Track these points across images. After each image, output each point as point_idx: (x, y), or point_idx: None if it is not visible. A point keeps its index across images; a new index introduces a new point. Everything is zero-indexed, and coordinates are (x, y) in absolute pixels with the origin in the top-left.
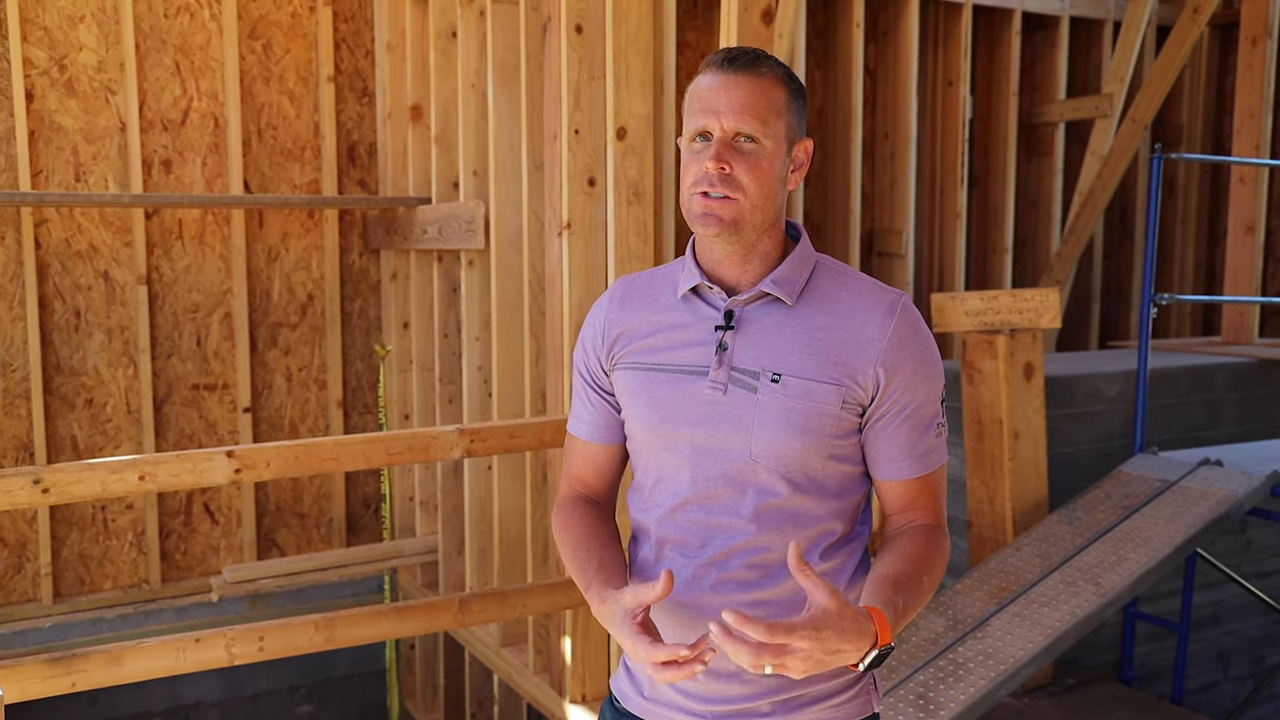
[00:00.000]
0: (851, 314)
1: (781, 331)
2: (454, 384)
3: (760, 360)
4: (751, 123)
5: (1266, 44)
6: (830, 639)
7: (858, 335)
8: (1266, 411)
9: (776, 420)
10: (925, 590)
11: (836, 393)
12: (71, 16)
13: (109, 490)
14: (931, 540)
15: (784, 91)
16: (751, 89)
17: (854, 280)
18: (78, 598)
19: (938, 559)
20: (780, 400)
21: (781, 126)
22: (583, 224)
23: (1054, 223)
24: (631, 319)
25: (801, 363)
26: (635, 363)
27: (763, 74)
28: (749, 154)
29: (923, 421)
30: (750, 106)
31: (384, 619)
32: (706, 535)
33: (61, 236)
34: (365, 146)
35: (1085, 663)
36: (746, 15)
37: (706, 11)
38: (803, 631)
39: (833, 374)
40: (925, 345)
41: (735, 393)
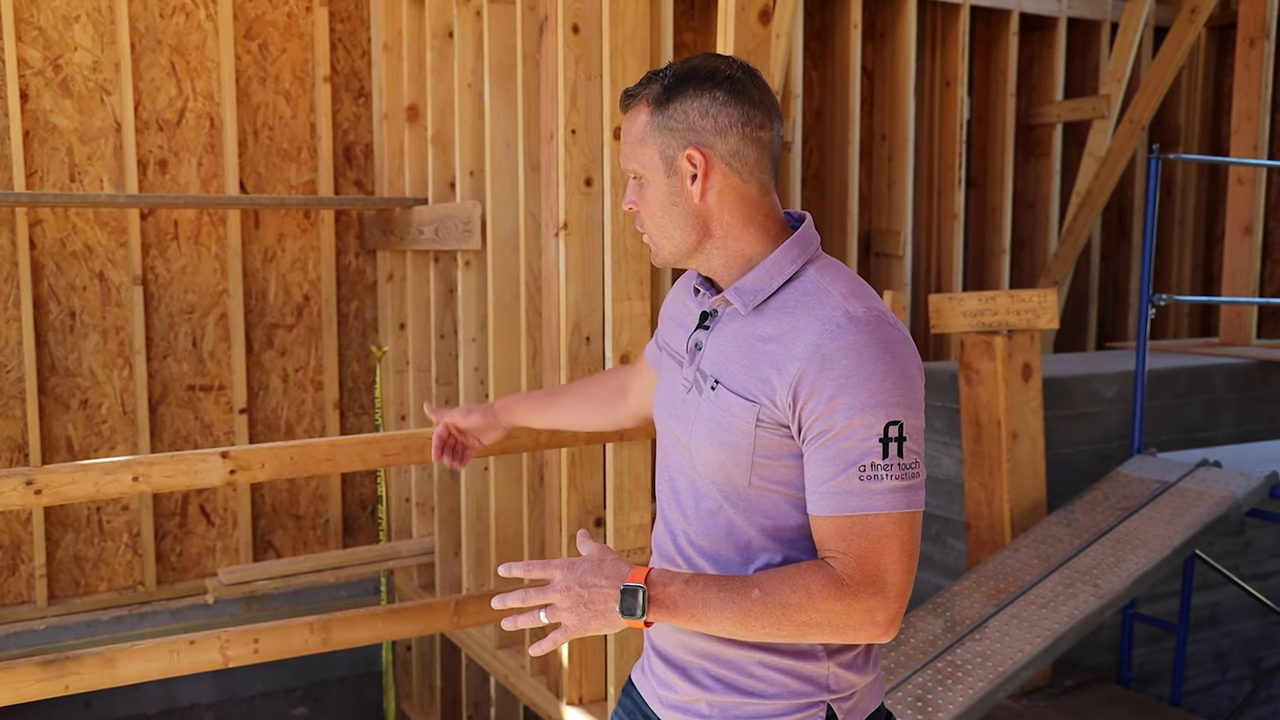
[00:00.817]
0: (792, 328)
1: (734, 340)
2: (450, 385)
3: (713, 365)
4: (625, 161)
5: (1264, 45)
6: (585, 572)
7: (787, 351)
8: (1265, 412)
9: (703, 428)
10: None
11: (750, 410)
12: (66, 16)
13: (103, 491)
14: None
15: (645, 113)
16: (628, 125)
17: (824, 292)
18: (72, 599)
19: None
20: (711, 409)
21: (650, 151)
22: (579, 224)
23: (1052, 224)
24: (674, 305)
25: (734, 374)
26: (665, 343)
27: (630, 105)
28: (641, 190)
29: (841, 456)
30: (624, 145)
31: (380, 621)
32: (669, 528)
33: (56, 237)
34: (361, 147)
35: (1084, 664)
36: (743, 15)
37: (704, 12)
38: (558, 562)
39: (753, 389)
40: (858, 373)
41: (693, 393)
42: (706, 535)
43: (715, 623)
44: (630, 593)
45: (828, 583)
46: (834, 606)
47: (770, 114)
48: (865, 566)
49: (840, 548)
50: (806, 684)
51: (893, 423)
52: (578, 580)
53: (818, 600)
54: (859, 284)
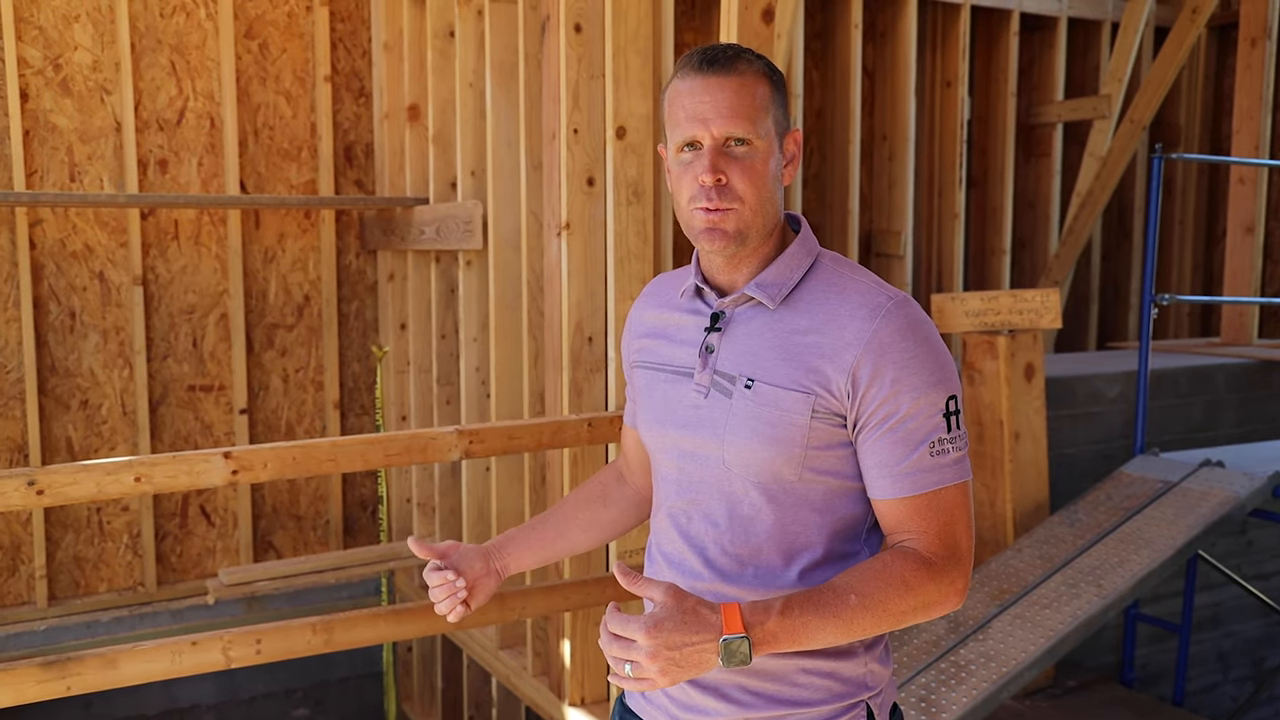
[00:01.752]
0: (832, 317)
1: (762, 336)
2: (451, 385)
3: (739, 365)
4: (742, 125)
5: (1265, 45)
6: (671, 632)
7: (834, 340)
8: (1266, 412)
9: (746, 428)
10: (850, 608)
11: (805, 401)
12: (66, 16)
13: (104, 492)
14: (894, 559)
15: (767, 85)
16: (736, 89)
17: (850, 281)
18: (72, 600)
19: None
20: (751, 407)
21: (770, 123)
22: (582, 224)
23: (1052, 224)
24: (649, 316)
25: (774, 369)
26: (646, 361)
27: (744, 71)
28: (742, 158)
29: (910, 437)
30: (737, 108)
31: (382, 621)
32: (689, 544)
33: (56, 237)
34: (362, 147)
35: (1086, 664)
36: (747, 14)
37: (705, 12)
38: (637, 627)
39: (803, 381)
40: (915, 353)
41: (715, 397)
42: (745, 541)
43: (818, 640)
44: (735, 644)
45: (918, 567)
46: (929, 588)
47: None
48: (946, 540)
49: (920, 527)
50: (847, 685)
51: (951, 397)
52: (665, 644)
53: (914, 588)
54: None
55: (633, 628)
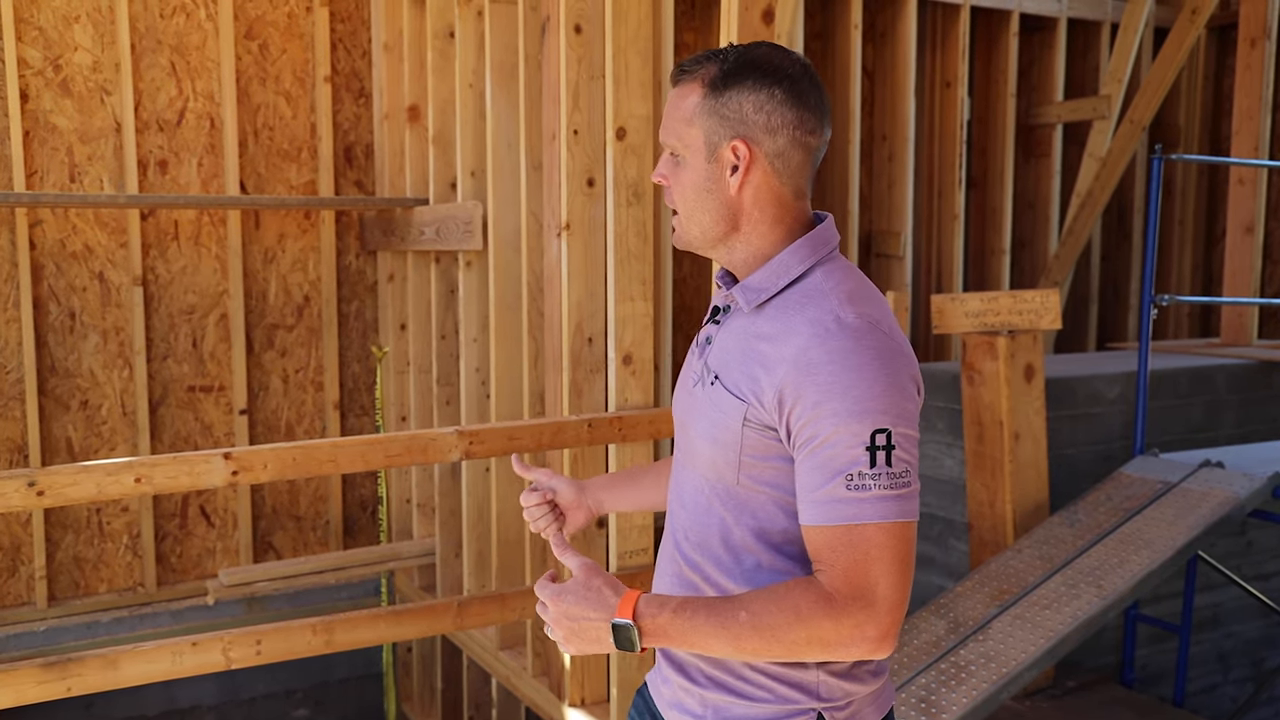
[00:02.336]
0: (785, 329)
1: (735, 336)
2: (451, 386)
3: (715, 360)
4: (665, 136)
5: (1265, 45)
6: (571, 604)
7: (777, 352)
8: (1267, 413)
9: (700, 423)
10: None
11: (739, 408)
12: (66, 16)
13: (105, 493)
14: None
15: (701, 94)
16: (673, 101)
17: (823, 295)
18: (72, 601)
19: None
20: (707, 404)
21: (695, 133)
22: (582, 224)
23: (1052, 224)
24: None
25: (730, 371)
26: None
27: (683, 82)
28: (677, 168)
29: (827, 465)
30: (668, 119)
31: (382, 622)
32: (671, 521)
33: (56, 237)
34: (362, 147)
35: (1086, 665)
36: (747, 15)
37: (705, 12)
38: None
39: (742, 387)
40: (843, 379)
41: (699, 388)
42: (700, 531)
43: (709, 646)
44: (622, 629)
45: (816, 600)
46: (824, 624)
47: (823, 119)
48: (853, 579)
49: (829, 559)
50: (794, 689)
51: (879, 430)
52: (565, 614)
53: (806, 619)
54: (863, 289)
55: (545, 593)
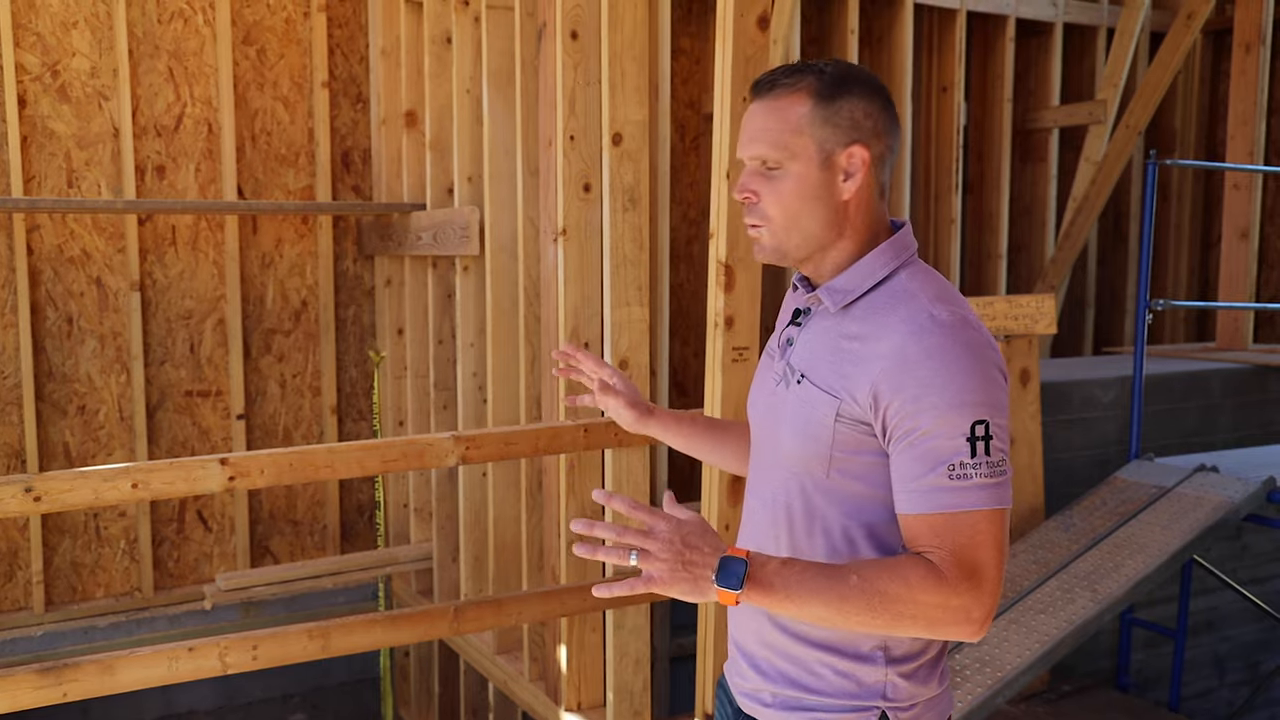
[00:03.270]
0: (877, 327)
1: (821, 337)
2: (448, 390)
3: (801, 360)
4: (763, 149)
5: (1260, 51)
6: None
7: (871, 350)
8: (1261, 417)
9: (789, 421)
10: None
11: (831, 405)
12: (65, 22)
13: (102, 498)
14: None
15: (811, 104)
16: (766, 112)
17: (909, 296)
18: (70, 606)
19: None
20: (795, 402)
21: (806, 141)
22: (578, 230)
23: (1048, 229)
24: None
25: (819, 369)
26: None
27: (781, 95)
28: (773, 179)
29: (928, 455)
30: (764, 131)
31: (379, 627)
32: (753, 524)
33: (54, 243)
34: (359, 152)
35: (1082, 669)
36: (742, 21)
37: (700, 18)
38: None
39: (834, 385)
40: (941, 373)
41: (783, 387)
42: (791, 527)
43: (810, 606)
44: (732, 564)
45: (927, 574)
46: (932, 599)
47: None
48: (962, 561)
49: (933, 544)
50: (862, 688)
51: (979, 421)
52: (682, 538)
53: (916, 592)
54: (947, 289)
55: (656, 517)
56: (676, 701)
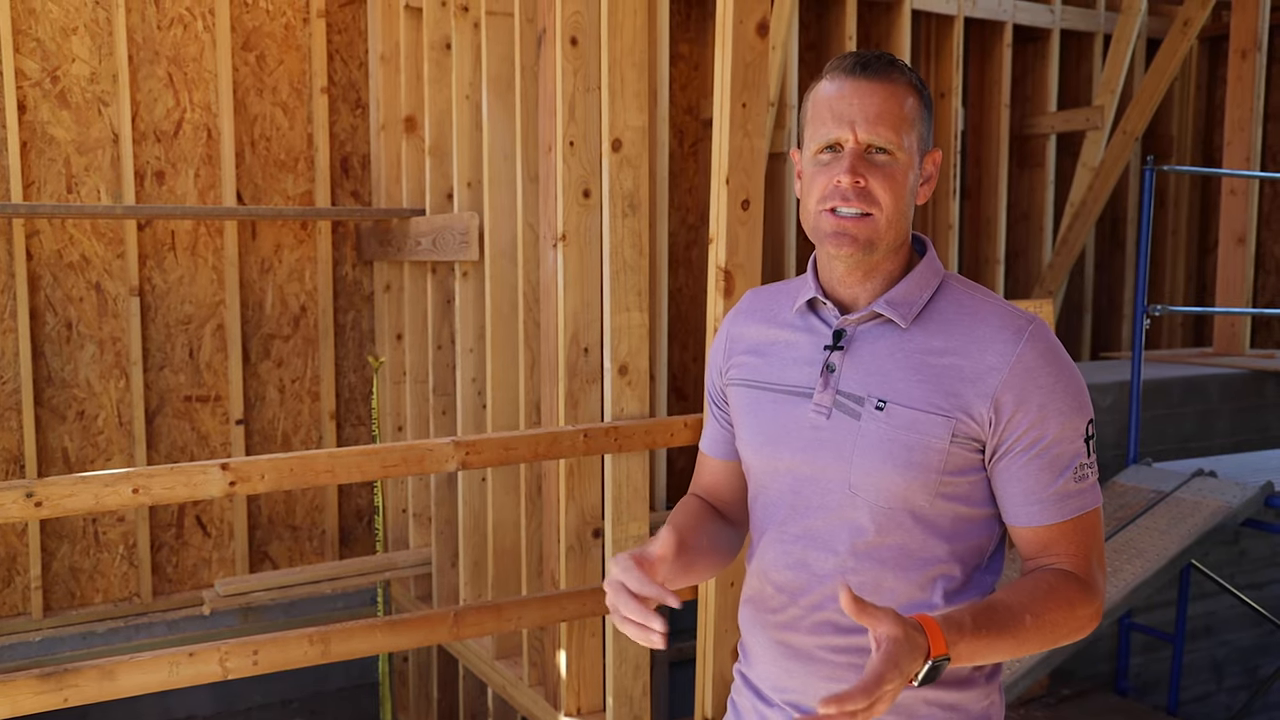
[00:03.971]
0: (971, 340)
1: (893, 356)
2: (448, 396)
3: (867, 385)
4: (886, 133)
5: (1256, 57)
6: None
7: (975, 364)
8: (1259, 422)
9: (878, 451)
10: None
11: (945, 425)
12: (64, 28)
13: (103, 503)
14: (1056, 579)
15: (916, 99)
16: (886, 96)
17: (981, 303)
18: (68, 611)
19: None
20: (884, 430)
21: (915, 137)
22: (578, 235)
23: (1046, 234)
24: (750, 332)
25: (909, 390)
26: (747, 379)
27: (896, 80)
28: (883, 166)
29: (1056, 462)
30: (884, 116)
31: (379, 632)
32: (805, 573)
33: (53, 248)
34: (359, 158)
35: (1081, 674)
36: (741, 28)
37: (699, 24)
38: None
39: (943, 404)
40: (1060, 377)
41: (839, 418)
42: (868, 568)
43: (991, 658)
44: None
45: (1079, 589)
46: (1086, 610)
47: None
48: (1096, 560)
49: (1069, 550)
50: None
51: (1090, 421)
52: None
53: (1076, 608)
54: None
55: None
56: (676, 706)
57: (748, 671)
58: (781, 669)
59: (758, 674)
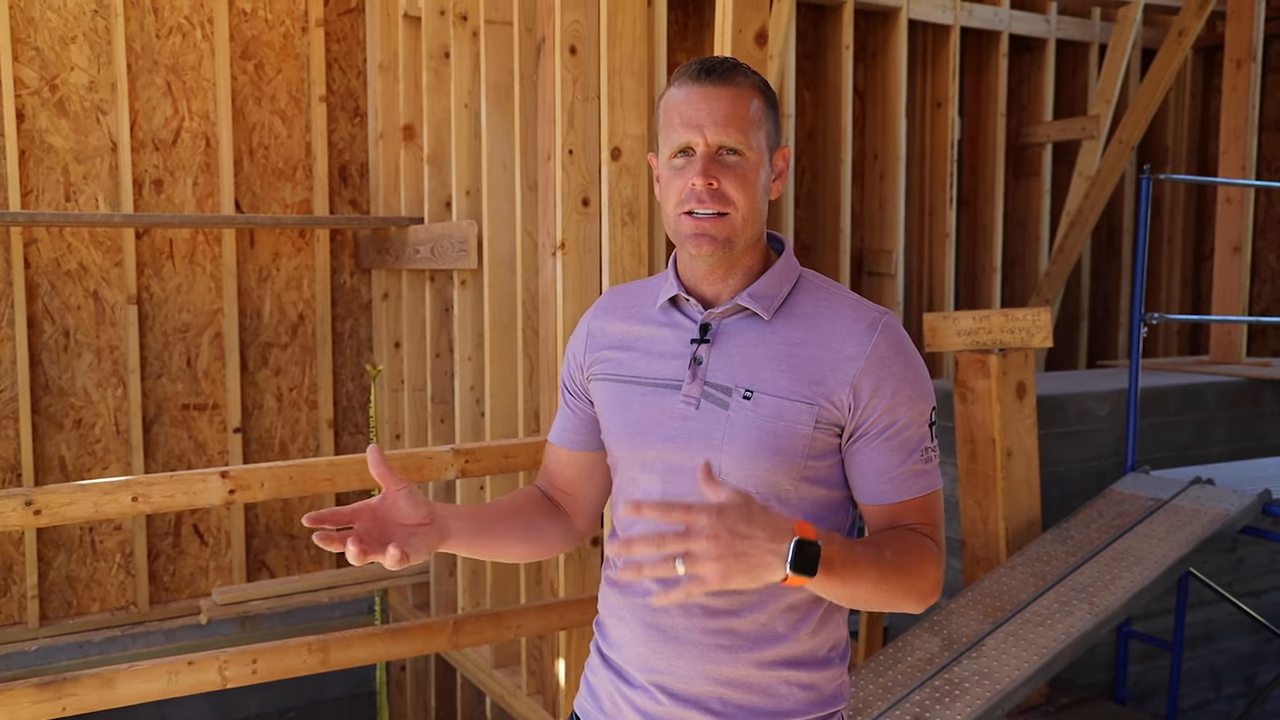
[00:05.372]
0: (830, 331)
1: (757, 347)
2: (446, 404)
3: (734, 376)
4: (734, 134)
5: (1250, 67)
6: (733, 519)
7: (835, 353)
8: (1256, 430)
9: (746, 438)
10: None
11: (809, 412)
12: (63, 37)
13: (101, 512)
14: (911, 534)
15: (761, 100)
16: (731, 99)
17: (836, 296)
18: (65, 620)
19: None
20: (751, 417)
21: (762, 136)
22: (577, 244)
23: (1042, 242)
24: (612, 328)
25: (775, 380)
26: (612, 374)
27: (740, 83)
28: (734, 166)
29: (905, 445)
30: (732, 118)
31: (378, 640)
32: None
33: (51, 256)
34: (357, 166)
35: (1079, 682)
36: (740, 36)
37: (697, 33)
38: (701, 507)
39: (806, 392)
40: (909, 366)
41: (707, 408)
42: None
43: (857, 585)
44: (808, 548)
45: (931, 550)
46: (933, 573)
47: None
48: (941, 535)
49: (919, 521)
50: (824, 696)
51: (933, 408)
52: (728, 529)
53: (927, 566)
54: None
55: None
56: None
57: (610, 653)
58: (650, 649)
59: (623, 656)
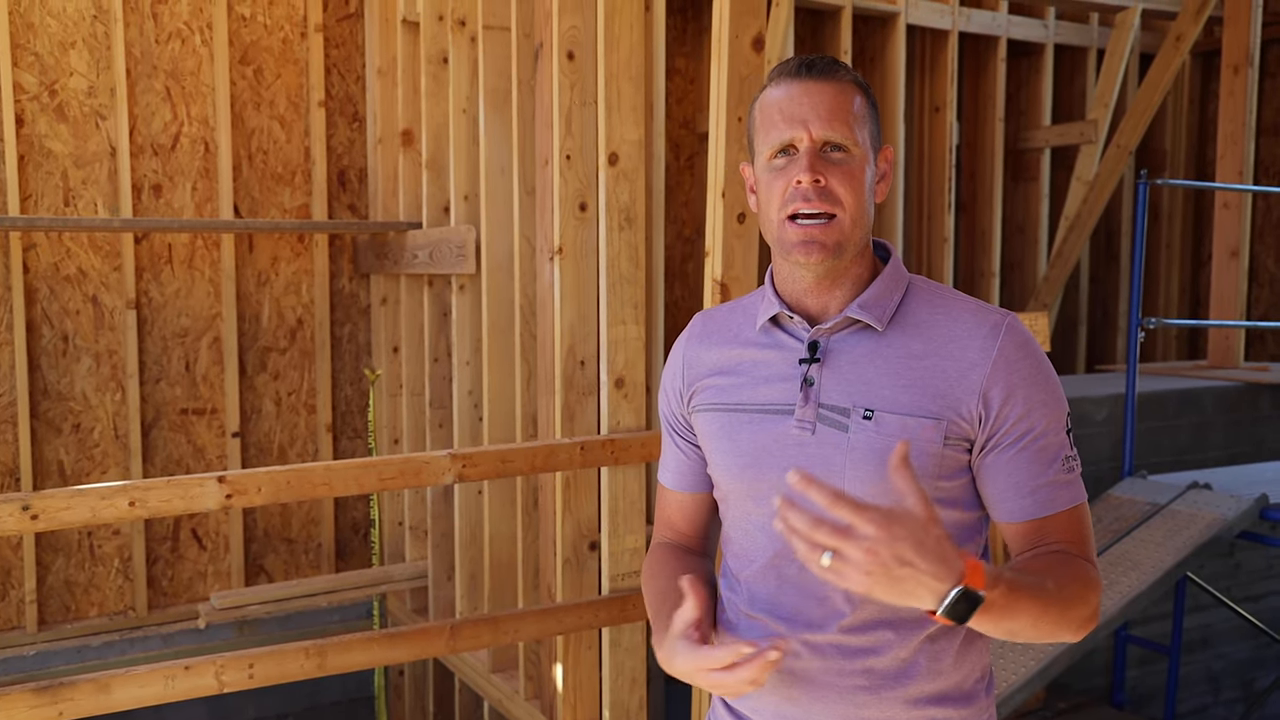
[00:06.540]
0: (950, 338)
1: (873, 362)
2: (444, 408)
3: (851, 395)
4: (840, 129)
5: (1248, 72)
6: (902, 541)
7: (958, 362)
8: (1253, 434)
9: (870, 461)
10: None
11: (937, 428)
12: (63, 42)
13: (99, 516)
14: (1068, 558)
15: (864, 98)
16: (835, 94)
17: (953, 301)
18: (63, 625)
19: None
20: (874, 439)
21: (866, 134)
22: (574, 249)
23: (1040, 247)
24: (710, 355)
25: (896, 396)
26: (715, 403)
27: (842, 79)
28: (840, 164)
29: (1044, 454)
30: (836, 112)
31: (376, 645)
32: (802, 597)
33: (50, 261)
34: (356, 171)
35: (1077, 687)
36: (738, 42)
37: (695, 38)
38: (872, 515)
39: (931, 407)
40: (1039, 369)
41: (824, 432)
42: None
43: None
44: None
45: (1089, 572)
46: (1093, 599)
47: None
48: (1092, 556)
49: (1067, 541)
50: None
51: (1068, 413)
52: (894, 552)
53: (1088, 592)
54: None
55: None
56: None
57: (737, 704)
58: (782, 696)
59: (751, 705)
